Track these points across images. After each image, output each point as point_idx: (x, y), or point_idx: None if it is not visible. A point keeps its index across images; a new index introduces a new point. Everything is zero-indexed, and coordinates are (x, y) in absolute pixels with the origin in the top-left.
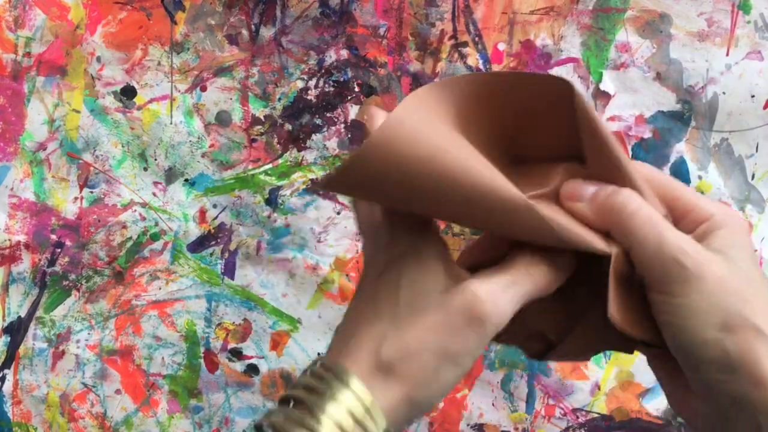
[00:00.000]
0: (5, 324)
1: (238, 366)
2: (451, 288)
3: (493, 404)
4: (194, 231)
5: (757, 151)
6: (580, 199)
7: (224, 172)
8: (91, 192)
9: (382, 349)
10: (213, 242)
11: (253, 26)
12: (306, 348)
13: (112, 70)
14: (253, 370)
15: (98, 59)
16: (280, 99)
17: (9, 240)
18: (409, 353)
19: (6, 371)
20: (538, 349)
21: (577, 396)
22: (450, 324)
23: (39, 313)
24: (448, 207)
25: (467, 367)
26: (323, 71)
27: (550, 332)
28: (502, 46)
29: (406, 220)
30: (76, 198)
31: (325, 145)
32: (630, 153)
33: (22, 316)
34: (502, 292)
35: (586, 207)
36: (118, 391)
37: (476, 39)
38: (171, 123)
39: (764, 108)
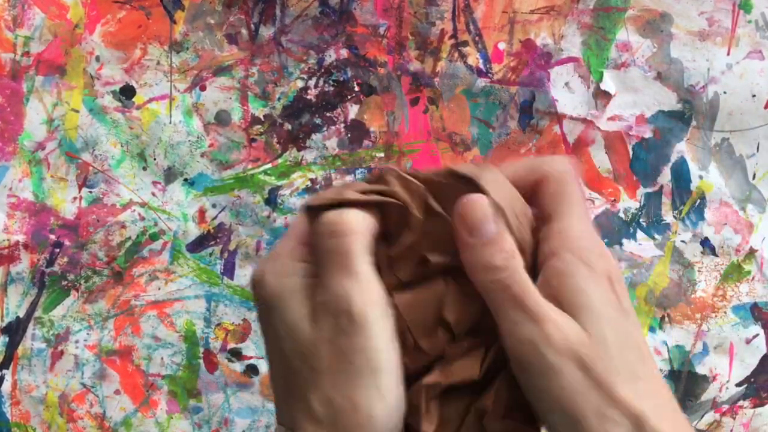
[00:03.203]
0: (4, 324)
1: (238, 366)
2: (311, 310)
3: None
4: (193, 231)
5: (758, 150)
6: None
7: (224, 172)
8: (90, 192)
9: (312, 407)
10: (212, 242)
11: (252, 25)
12: None
13: (111, 70)
14: (252, 370)
15: (97, 58)
16: (279, 98)
17: (7, 240)
18: (330, 396)
19: (4, 371)
20: None
21: None
22: (337, 347)
23: (38, 313)
24: None
25: (395, 363)
26: (323, 71)
27: None
28: (502, 46)
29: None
30: (75, 198)
31: (324, 144)
32: (631, 153)
33: (21, 316)
34: (337, 280)
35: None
36: (117, 392)
37: (476, 38)
38: (170, 122)
39: (765, 107)
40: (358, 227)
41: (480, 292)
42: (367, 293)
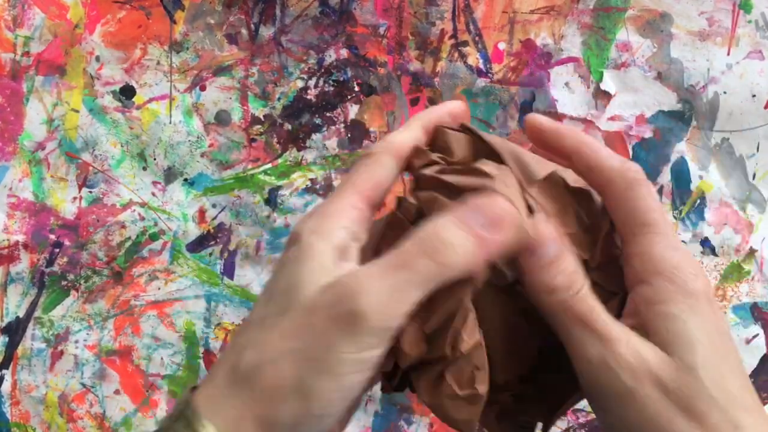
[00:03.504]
0: (3, 324)
1: None
2: (329, 281)
3: None
4: (193, 231)
5: (758, 150)
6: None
7: (223, 172)
8: (90, 192)
9: (241, 358)
10: (212, 242)
11: (252, 25)
12: None
13: (111, 70)
14: None
15: (97, 58)
16: (279, 98)
17: (7, 240)
18: (263, 361)
19: (4, 371)
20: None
21: None
22: (311, 325)
23: (37, 313)
24: None
25: (353, 379)
26: (323, 71)
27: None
28: (502, 46)
29: (312, 218)
30: (74, 198)
31: (324, 144)
32: (631, 153)
33: (21, 316)
34: (380, 280)
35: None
36: (117, 392)
37: (476, 38)
38: (170, 122)
39: (765, 107)
40: (455, 263)
41: (545, 316)
42: (390, 315)
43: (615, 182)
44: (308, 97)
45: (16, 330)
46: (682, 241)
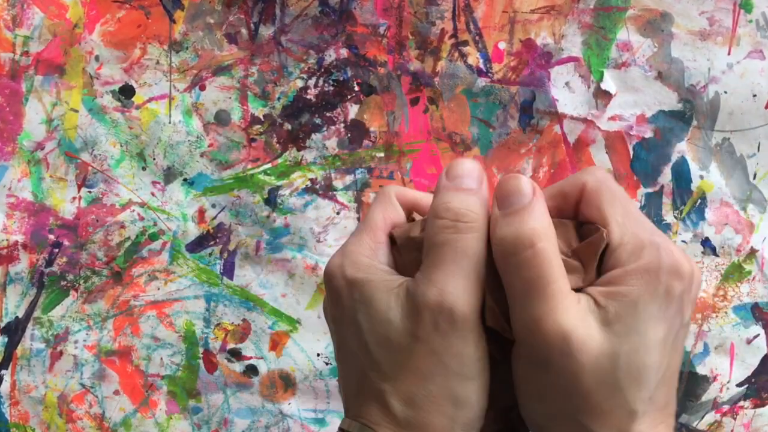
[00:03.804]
0: (3, 324)
1: (237, 366)
2: (405, 306)
3: None
4: (193, 231)
5: (758, 150)
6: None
7: (223, 172)
8: (90, 192)
9: (391, 406)
10: (212, 242)
11: (252, 25)
12: (305, 348)
13: (111, 69)
14: (252, 370)
15: (97, 58)
16: (279, 98)
17: (7, 240)
18: (413, 399)
19: (3, 372)
20: None
21: None
22: (432, 347)
23: (37, 313)
24: None
25: (485, 373)
26: (323, 70)
27: None
28: (502, 45)
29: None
30: (74, 198)
31: (324, 144)
32: (631, 152)
33: (20, 316)
34: (446, 277)
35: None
36: (116, 392)
37: (477, 38)
38: (170, 122)
39: (766, 107)
40: (480, 224)
41: (501, 275)
42: (473, 298)
43: (589, 186)
44: (308, 96)
45: (15, 330)
46: (683, 241)
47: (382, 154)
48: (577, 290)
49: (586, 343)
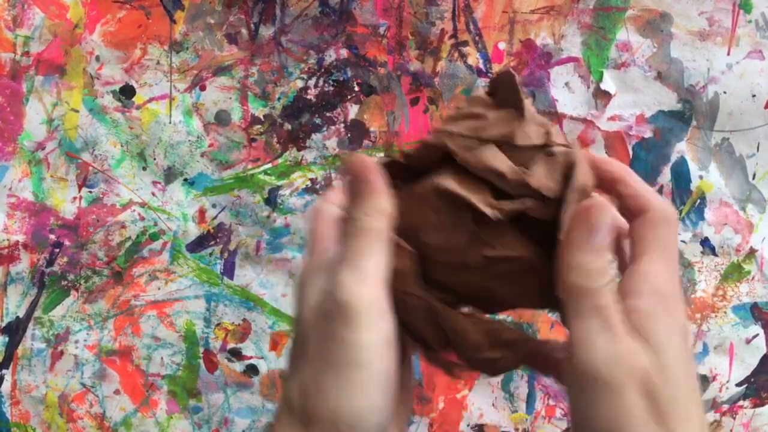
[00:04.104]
0: (3, 324)
1: (238, 366)
2: (317, 297)
3: (493, 405)
4: (193, 231)
5: (758, 150)
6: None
7: (223, 172)
8: (90, 192)
9: (290, 395)
10: (212, 242)
11: (252, 25)
12: None
13: (111, 70)
14: (252, 370)
15: (97, 58)
16: (279, 98)
17: (7, 240)
18: (306, 386)
19: (4, 371)
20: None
21: None
22: (322, 334)
23: (37, 313)
24: None
25: (378, 363)
26: (323, 70)
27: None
28: (502, 46)
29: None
30: (74, 198)
31: (324, 144)
32: (631, 152)
33: (21, 316)
34: (341, 265)
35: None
36: (117, 392)
37: (476, 38)
38: (170, 122)
39: (765, 107)
40: (380, 223)
41: (562, 293)
42: (363, 283)
43: (651, 213)
44: (308, 97)
45: (16, 330)
46: (682, 241)
47: (382, 154)
48: None
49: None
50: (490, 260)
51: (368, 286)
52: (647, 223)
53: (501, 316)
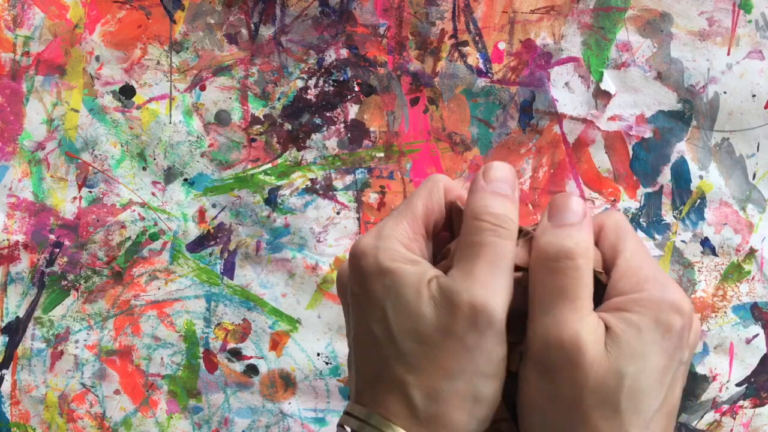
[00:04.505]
0: (3, 324)
1: (238, 366)
2: (440, 301)
3: None
4: (193, 231)
5: (758, 150)
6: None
7: (223, 172)
8: (90, 192)
9: (412, 398)
10: (212, 242)
11: (252, 25)
12: (305, 348)
13: (111, 70)
14: (252, 370)
15: (97, 58)
16: (279, 98)
17: (7, 240)
18: (438, 394)
19: (4, 371)
20: None
21: None
22: (466, 344)
23: (37, 313)
24: None
25: (502, 369)
26: (323, 70)
27: None
28: (502, 46)
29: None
30: (74, 198)
31: (324, 144)
32: (631, 153)
33: (21, 316)
34: (491, 278)
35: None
36: (117, 392)
37: (476, 38)
38: (170, 122)
39: (765, 107)
40: (515, 231)
41: (532, 279)
42: (508, 300)
43: (605, 223)
44: (308, 97)
45: (15, 330)
46: (682, 241)
47: (382, 154)
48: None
49: (596, 359)
50: None
51: (507, 302)
52: (605, 234)
53: None
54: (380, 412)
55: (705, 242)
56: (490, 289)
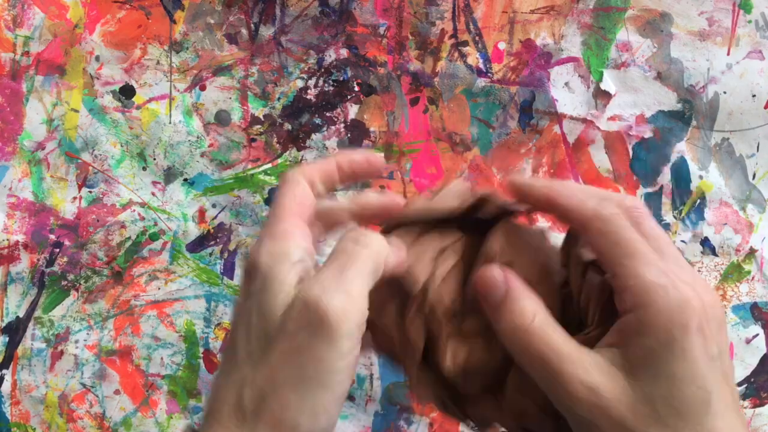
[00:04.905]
0: (4, 324)
1: None
2: (293, 295)
3: None
4: (193, 231)
5: (758, 150)
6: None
7: (223, 172)
8: (90, 192)
9: (243, 396)
10: (212, 242)
11: (252, 25)
12: None
13: (111, 70)
14: None
15: (97, 58)
16: (279, 98)
17: (7, 240)
18: (265, 393)
19: (4, 371)
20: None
21: None
22: (296, 347)
23: (37, 313)
24: None
25: (344, 386)
26: (323, 70)
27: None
28: (502, 46)
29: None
30: (74, 198)
31: (324, 144)
32: (631, 153)
33: (21, 316)
34: (335, 282)
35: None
36: (117, 392)
37: (476, 38)
38: (170, 122)
39: (765, 107)
40: (375, 249)
41: (514, 356)
42: (354, 310)
43: (592, 224)
44: (308, 97)
45: (16, 330)
46: (682, 241)
47: (381, 154)
48: (589, 336)
49: (618, 394)
50: None
51: (356, 311)
52: (597, 235)
53: None
54: (212, 404)
55: (705, 242)
56: (333, 291)
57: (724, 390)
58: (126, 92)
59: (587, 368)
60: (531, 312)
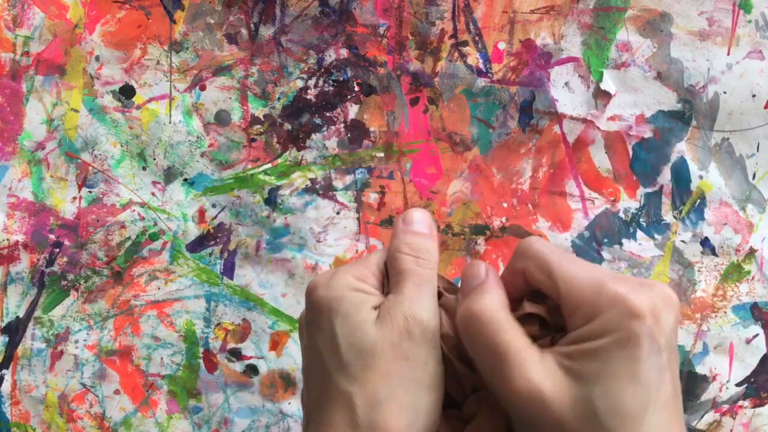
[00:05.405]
0: (3, 324)
1: (238, 366)
2: (379, 319)
3: None
4: (193, 231)
5: (758, 150)
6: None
7: (223, 172)
8: (90, 192)
9: (354, 411)
10: (212, 242)
11: (252, 25)
12: None
13: (111, 70)
14: (252, 370)
15: (97, 58)
16: (279, 98)
17: (7, 240)
18: (378, 401)
19: (4, 371)
20: None
21: None
22: (400, 353)
23: (37, 313)
24: None
25: (443, 388)
26: (323, 70)
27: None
28: (502, 46)
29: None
30: (74, 198)
31: (324, 144)
32: (631, 152)
33: (21, 316)
34: (418, 299)
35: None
36: (116, 392)
37: (476, 38)
38: (170, 122)
39: (765, 107)
40: (434, 262)
41: (470, 354)
42: (435, 319)
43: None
44: (308, 96)
45: (16, 330)
46: (682, 241)
47: (382, 154)
48: (553, 340)
49: (558, 393)
50: None
51: (436, 315)
52: (531, 280)
53: None
54: (321, 427)
55: (705, 242)
56: (418, 304)
57: (665, 386)
58: (126, 92)
59: (532, 365)
60: (495, 303)
